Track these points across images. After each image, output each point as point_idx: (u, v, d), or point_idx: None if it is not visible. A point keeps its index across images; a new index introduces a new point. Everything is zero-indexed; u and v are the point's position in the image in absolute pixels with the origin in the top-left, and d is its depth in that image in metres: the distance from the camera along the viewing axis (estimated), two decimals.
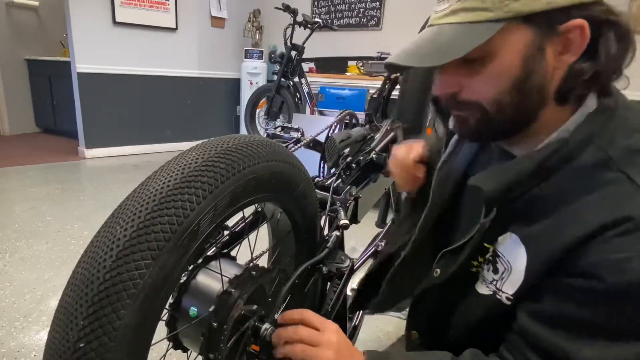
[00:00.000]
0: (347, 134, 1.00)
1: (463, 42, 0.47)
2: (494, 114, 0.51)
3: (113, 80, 3.86)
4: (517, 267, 0.51)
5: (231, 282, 0.56)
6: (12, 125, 4.84)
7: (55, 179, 3.15)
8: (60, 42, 4.86)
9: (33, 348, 1.34)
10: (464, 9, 0.47)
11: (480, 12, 0.46)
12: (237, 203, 0.51)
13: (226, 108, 4.95)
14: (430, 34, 0.50)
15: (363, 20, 4.18)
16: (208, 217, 0.46)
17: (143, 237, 0.40)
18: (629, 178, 0.45)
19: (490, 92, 0.50)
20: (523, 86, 0.49)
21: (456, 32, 0.48)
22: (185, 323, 0.56)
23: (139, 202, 0.43)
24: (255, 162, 0.52)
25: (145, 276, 0.40)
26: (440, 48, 0.48)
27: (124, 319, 0.39)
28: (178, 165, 0.46)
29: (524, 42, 0.47)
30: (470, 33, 0.47)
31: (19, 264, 1.85)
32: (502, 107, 0.50)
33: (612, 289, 0.43)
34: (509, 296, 0.53)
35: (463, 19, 0.48)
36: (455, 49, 0.47)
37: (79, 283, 0.40)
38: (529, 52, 0.47)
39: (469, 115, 0.53)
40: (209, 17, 4.51)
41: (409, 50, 0.50)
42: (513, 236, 0.53)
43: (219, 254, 0.62)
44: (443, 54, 0.47)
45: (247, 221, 0.75)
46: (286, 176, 0.61)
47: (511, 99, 0.49)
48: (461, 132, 0.60)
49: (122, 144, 4.08)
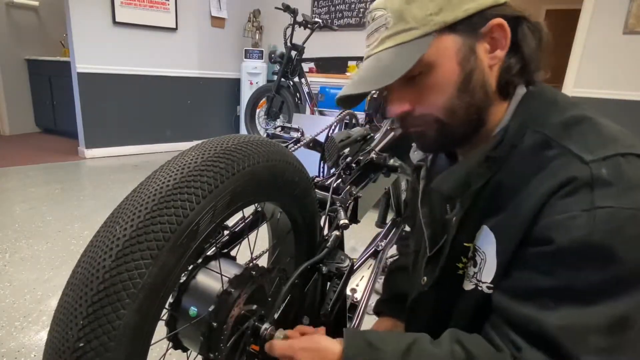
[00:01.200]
0: (346, 133, 1.00)
1: (402, 61, 0.51)
2: (448, 119, 0.55)
3: (113, 80, 3.87)
4: (490, 255, 0.54)
5: (231, 282, 0.56)
6: (12, 125, 4.85)
7: (55, 179, 3.15)
8: (60, 42, 4.86)
9: (33, 348, 1.34)
10: (392, 34, 0.53)
11: (407, 33, 0.52)
12: (237, 203, 0.51)
13: (226, 108, 4.95)
14: (370, 63, 0.55)
15: (363, 20, 4.18)
16: (207, 217, 0.46)
17: (143, 237, 0.40)
18: (569, 150, 0.47)
19: (439, 101, 0.54)
20: (467, 86, 0.53)
21: (393, 55, 0.53)
22: (185, 323, 0.56)
23: (138, 202, 0.43)
24: (255, 161, 0.52)
25: (144, 276, 0.40)
26: (384, 71, 0.52)
27: (123, 319, 0.39)
28: (177, 165, 0.46)
29: (455, 48, 0.52)
30: (406, 52, 0.52)
31: (19, 264, 1.85)
32: (453, 111, 0.54)
33: (561, 248, 0.44)
34: (488, 285, 0.55)
35: (395, 42, 0.53)
36: (398, 68, 0.51)
37: (78, 283, 0.40)
38: (463, 56, 0.52)
39: (426, 128, 0.57)
40: (209, 17, 4.51)
41: (356, 81, 0.56)
42: (485, 227, 0.55)
43: (218, 254, 0.62)
44: (387, 74, 0.52)
45: (247, 221, 0.75)
46: (286, 176, 0.61)
47: (460, 101, 0.54)
48: (423, 146, 0.64)
49: (122, 144, 4.09)
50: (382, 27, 0.54)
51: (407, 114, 0.57)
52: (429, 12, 0.51)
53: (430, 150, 0.69)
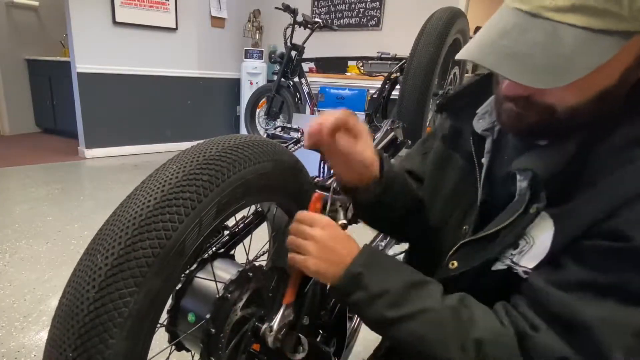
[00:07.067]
0: None
1: (587, 58, 0.39)
2: (565, 119, 0.46)
3: (113, 80, 3.86)
4: (542, 241, 0.49)
5: (226, 288, 0.55)
6: (12, 125, 4.84)
7: (55, 179, 3.15)
8: (60, 42, 4.86)
9: (33, 348, 1.34)
10: (592, 8, 0.38)
11: (611, 20, 0.38)
12: (224, 212, 0.50)
13: (226, 108, 4.94)
14: (542, 35, 0.40)
15: (363, 20, 4.18)
16: (193, 233, 0.44)
17: (125, 265, 0.39)
18: None
19: (570, 99, 0.45)
20: (608, 96, 0.44)
21: (579, 42, 0.39)
22: (185, 327, 0.55)
23: (118, 227, 0.41)
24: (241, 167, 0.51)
25: (130, 304, 0.39)
26: (557, 62, 0.40)
27: (113, 348, 0.39)
28: (157, 182, 0.45)
29: (636, 53, 0.42)
30: (597, 46, 0.39)
31: (19, 264, 1.85)
32: (576, 114, 0.45)
33: (635, 247, 0.41)
34: (527, 270, 0.50)
35: (589, 24, 0.39)
36: (578, 67, 0.39)
37: (64, 315, 0.39)
38: (636, 64, 0.43)
39: (532, 114, 0.47)
40: (209, 17, 4.51)
41: (514, 55, 0.41)
42: (543, 213, 0.49)
43: (211, 259, 0.61)
44: (562, 71, 0.40)
45: (247, 221, 0.75)
46: (286, 176, 0.60)
47: (590, 108, 0.45)
48: (508, 126, 0.53)
49: (122, 144, 4.08)
50: None
51: (527, 97, 0.46)
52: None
53: (512, 132, 0.56)
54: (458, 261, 0.57)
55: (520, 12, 0.42)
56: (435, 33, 1.59)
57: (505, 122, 0.52)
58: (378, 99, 2.78)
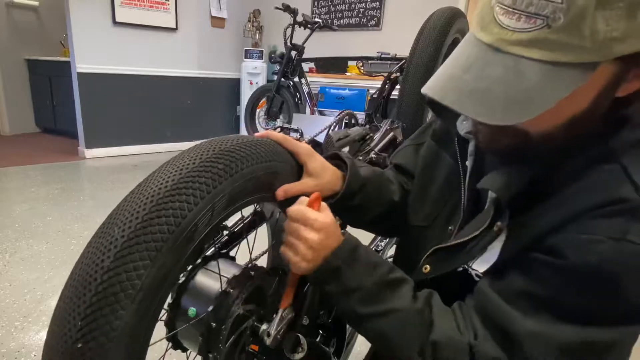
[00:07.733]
0: (344, 132, 1.01)
1: (551, 92, 0.38)
2: (538, 143, 0.46)
3: (113, 80, 3.86)
4: (493, 248, 0.51)
5: (229, 282, 0.56)
6: (12, 125, 4.85)
7: (55, 179, 3.15)
8: (60, 42, 4.86)
9: (33, 348, 1.34)
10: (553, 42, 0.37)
11: (574, 52, 0.37)
12: (235, 204, 0.51)
13: (226, 108, 4.95)
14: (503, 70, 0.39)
15: (363, 20, 4.18)
16: (205, 218, 0.46)
17: (141, 238, 0.40)
18: (624, 170, 0.43)
19: (542, 126, 0.44)
20: (581, 120, 0.44)
21: (542, 76, 0.38)
22: (184, 323, 0.56)
23: (136, 204, 0.43)
24: (253, 162, 0.52)
25: (143, 277, 0.40)
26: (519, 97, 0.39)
27: (122, 320, 0.39)
28: (175, 167, 0.46)
29: (606, 79, 0.41)
30: (561, 79, 0.38)
31: (19, 264, 1.85)
32: (550, 139, 0.45)
33: (571, 267, 0.43)
34: (478, 274, 0.53)
35: (551, 57, 0.38)
36: (542, 101, 0.38)
37: (76, 284, 0.40)
38: (607, 89, 0.42)
39: (506, 137, 0.47)
40: (209, 17, 4.51)
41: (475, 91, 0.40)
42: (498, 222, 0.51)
43: (217, 254, 0.62)
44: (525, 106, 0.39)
45: (246, 221, 0.75)
46: (294, 179, 0.61)
47: (564, 133, 0.44)
48: (484, 145, 0.53)
49: (122, 144, 4.08)
50: (542, 18, 0.37)
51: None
52: (614, 34, 0.36)
53: (493, 153, 0.56)
54: (430, 265, 0.60)
55: (483, 45, 0.41)
56: (434, 33, 1.59)
57: (481, 141, 0.53)
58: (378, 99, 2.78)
